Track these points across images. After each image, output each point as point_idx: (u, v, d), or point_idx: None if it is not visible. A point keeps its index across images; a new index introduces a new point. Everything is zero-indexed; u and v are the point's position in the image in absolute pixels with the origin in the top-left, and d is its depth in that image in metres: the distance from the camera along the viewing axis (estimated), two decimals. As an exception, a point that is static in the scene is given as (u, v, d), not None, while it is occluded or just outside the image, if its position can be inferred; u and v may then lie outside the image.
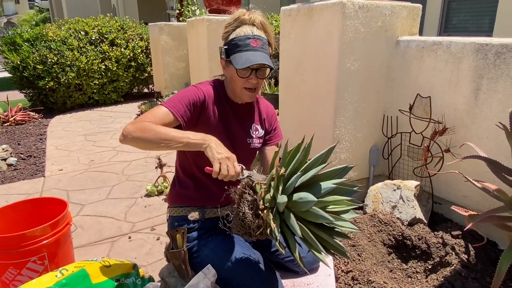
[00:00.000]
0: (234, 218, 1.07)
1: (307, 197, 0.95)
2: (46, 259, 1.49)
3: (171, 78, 5.72)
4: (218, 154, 1.07)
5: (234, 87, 1.27)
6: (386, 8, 1.99)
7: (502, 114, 1.64)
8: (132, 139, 1.10)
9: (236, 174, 1.06)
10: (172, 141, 1.09)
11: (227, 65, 1.25)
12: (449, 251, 1.62)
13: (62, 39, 5.52)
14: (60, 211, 1.59)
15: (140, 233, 2.18)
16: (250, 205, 1.03)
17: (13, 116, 4.97)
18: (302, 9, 2.15)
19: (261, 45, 1.20)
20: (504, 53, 1.61)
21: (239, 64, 1.16)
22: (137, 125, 1.10)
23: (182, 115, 1.18)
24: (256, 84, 1.24)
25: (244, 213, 1.02)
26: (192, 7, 6.01)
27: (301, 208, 0.97)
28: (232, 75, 1.23)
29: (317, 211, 0.96)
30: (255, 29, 1.22)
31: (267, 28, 1.25)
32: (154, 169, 2.84)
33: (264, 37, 1.23)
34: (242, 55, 1.18)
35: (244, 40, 1.19)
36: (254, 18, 1.22)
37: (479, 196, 1.78)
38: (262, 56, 1.19)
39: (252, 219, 1.02)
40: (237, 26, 1.22)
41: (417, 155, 2.05)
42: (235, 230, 1.08)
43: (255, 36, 1.20)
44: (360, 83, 2.05)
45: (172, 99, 1.21)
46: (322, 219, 0.97)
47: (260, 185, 1.06)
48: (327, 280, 1.42)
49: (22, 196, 2.71)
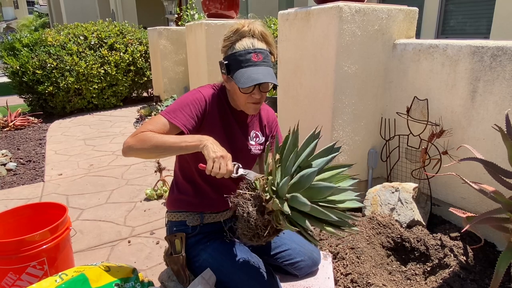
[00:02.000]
0: (240, 222, 1.07)
1: (307, 172, 0.96)
2: (46, 264, 1.50)
3: (170, 82, 5.73)
4: (214, 152, 1.07)
5: (237, 101, 1.25)
6: (383, 11, 2.00)
7: (499, 116, 1.65)
8: (133, 151, 1.12)
9: (228, 172, 1.07)
10: (171, 147, 1.11)
11: (229, 80, 1.22)
12: (448, 253, 1.63)
13: (61, 44, 5.53)
14: (60, 216, 1.60)
15: (140, 237, 2.18)
16: (252, 203, 1.03)
17: (12, 121, 4.97)
18: (299, 13, 2.16)
19: (263, 59, 1.17)
20: (499, 55, 1.62)
21: (241, 83, 1.14)
22: (136, 138, 1.12)
23: (185, 124, 1.18)
24: (260, 99, 1.22)
25: (249, 212, 1.01)
26: (191, 11, 6.04)
27: (304, 185, 0.97)
28: (234, 90, 1.21)
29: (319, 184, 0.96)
30: (256, 41, 1.18)
31: (268, 38, 1.22)
32: (153, 173, 2.84)
33: (266, 48, 1.20)
34: (244, 72, 1.15)
35: (244, 55, 1.15)
36: (254, 29, 1.18)
37: (477, 197, 1.79)
38: (265, 71, 1.16)
39: (257, 217, 1.01)
40: (237, 40, 1.18)
41: (415, 157, 2.06)
42: (242, 236, 1.07)
43: (256, 50, 1.16)
44: (358, 86, 2.06)
45: (172, 108, 1.20)
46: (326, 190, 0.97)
47: (258, 180, 1.06)
48: (326, 283, 1.43)
49: (22, 201, 2.71)
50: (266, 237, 1.05)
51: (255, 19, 1.24)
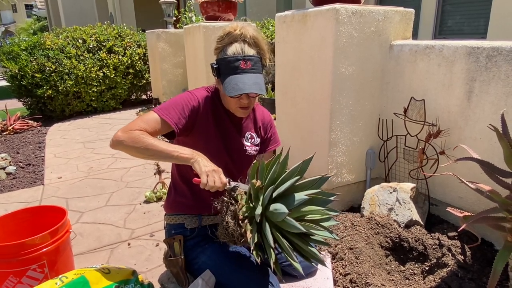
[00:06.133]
0: (220, 227, 1.12)
1: (280, 209, 1.01)
2: (46, 267, 1.50)
3: (169, 85, 5.75)
4: (205, 167, 1.09)
5: (227, 104, 1.28)
6: (379, 13, 2.02)
7: (495, 116, 1.67)
8: (122, 147, 1.13)
9: (222, 185, 1.10)
10: (162, 153, 1.11)
11: (219, 83, 1.24)
12: (446, 252, 1.64)
13: (60, 48, 5.55)
14: (60, 219, 1.60)
15: (139, 240, 2.19)
16: (232, 214, 1.08)
17: (11, 125, 4.98)
18: (296, 16, 2.18)
19: (251, 66, 1.18)
20: (495, 56, 1.64)
21: (227, 91, 1.16)
22: (129, 134, 1.12)
23: (176, 123, 1.18)
24: (248, 103, 1.23)
25: (227, 222, 1.08)
26: (189, 13, 6.06)
27: (277, 219, 1.03)
28: (224, 93, 1.22)
29: (290, 221, 1.02)
30: (246, 47, 1.19)
31: (259, 42, 1.23)
32: (153, 176, 2.85)
33: (256, 55, 1.21)
34: (232, 80, 1.16)
35: (233, 62, 1.17)
36: (245, 34, 1.20)
37: (475, 197, 1.80)
38: (251, 80, 1.17)
39: (234, 228, 1.07)
40: (228, 43, 1.20)
41: (413, 157, 2.07)
42: (221, 237, 1.13)
43: (245, 57, 1.17)
44: (355, 87, 2.07)
45: (166, 105, 1.21)
46: (295, 229, 1.03)
47: (241, 195, 1.11)
48: (325, 283, 1.44)
49: (22, 205, 2.72)
50: (242, 243, 1.10)
51: (248, 23, 1.25)
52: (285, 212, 0.99)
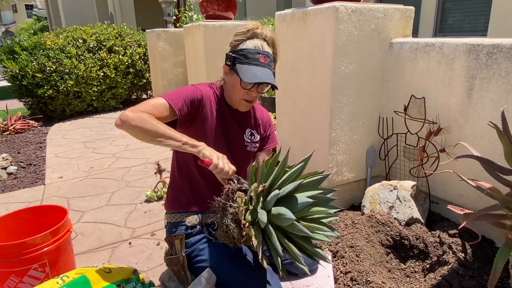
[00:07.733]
0: (219, 229, 1.11)
1: (286, 214, 0.99)
2: (47, 266, 1.51)
3: (169, 84, 5.74)
4: (215, 153, 1.12)
5: (232, 95, 1.29)
6: (379, 11, 2.01)
7: (495, 114, 1.66)
8: (130, 126, 1.10)
9: (232, 171, 1.10)
10: (169, 139, 1.11)
11: (231, 73, 1.26)
12: (447, 250, 1.64)
13: (60, 47, 5.55)
14: (61, 218, 1.61)
15: (140, 239, 2.19)
16: (233, 217, 1.07)
17: (12, 125, 4.99)
18: (296, 14, 2.17)
19: (268, 62, 1.24)
20: (495, 53, 1.63)
21: (246, 78, 1.19)
22: (139, 115, 1.11)
23: (180, 109, 1.20)
24: (255, 97, 1.28)
25: (228, 225, 1.06)
26: (189, 13, 6.05)
27: (282, 223, 1.02)
28: (234, 83, 1.25)
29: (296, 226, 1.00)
30: (266, 45, 1.26)
31: (276, 45, 1.30)
32: (153, 175, 2.85)
33: (272, 54, 1.27)
34: (250, 69, 1.20)
35: (254, 54, 1.22)
36: (266, 33, 1.26)
37: (475, 195, 1.80)
38: (268, 74, 1.22)
39: (235, 230, 1.06)
40: (249, 38, 1.25)
41: (413, 155, 2.07)
42: (220, 239, 1.12)
43: (265, 52, 1.23)
44: (355, 85, 2.07)
45: (172, 93, 1.24)
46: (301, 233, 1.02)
47: (241, 198, 1.09)
48: (326, 281, 1.44)
49: (23, 204, 2.73)
50: (242, 243, 1.09)
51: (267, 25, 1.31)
52: (292, 218, 0.98)
